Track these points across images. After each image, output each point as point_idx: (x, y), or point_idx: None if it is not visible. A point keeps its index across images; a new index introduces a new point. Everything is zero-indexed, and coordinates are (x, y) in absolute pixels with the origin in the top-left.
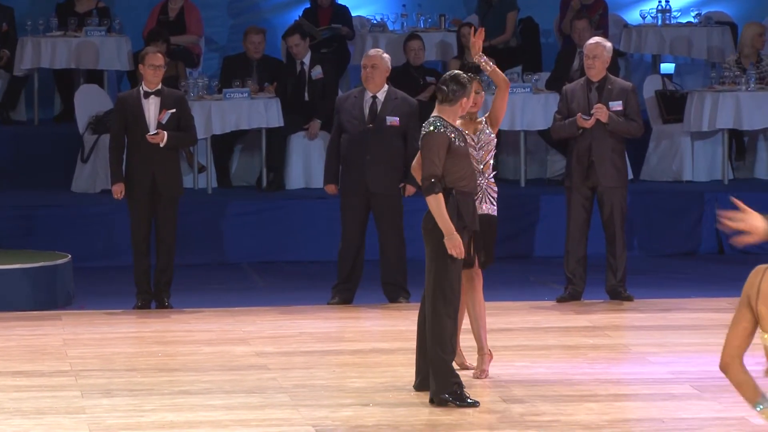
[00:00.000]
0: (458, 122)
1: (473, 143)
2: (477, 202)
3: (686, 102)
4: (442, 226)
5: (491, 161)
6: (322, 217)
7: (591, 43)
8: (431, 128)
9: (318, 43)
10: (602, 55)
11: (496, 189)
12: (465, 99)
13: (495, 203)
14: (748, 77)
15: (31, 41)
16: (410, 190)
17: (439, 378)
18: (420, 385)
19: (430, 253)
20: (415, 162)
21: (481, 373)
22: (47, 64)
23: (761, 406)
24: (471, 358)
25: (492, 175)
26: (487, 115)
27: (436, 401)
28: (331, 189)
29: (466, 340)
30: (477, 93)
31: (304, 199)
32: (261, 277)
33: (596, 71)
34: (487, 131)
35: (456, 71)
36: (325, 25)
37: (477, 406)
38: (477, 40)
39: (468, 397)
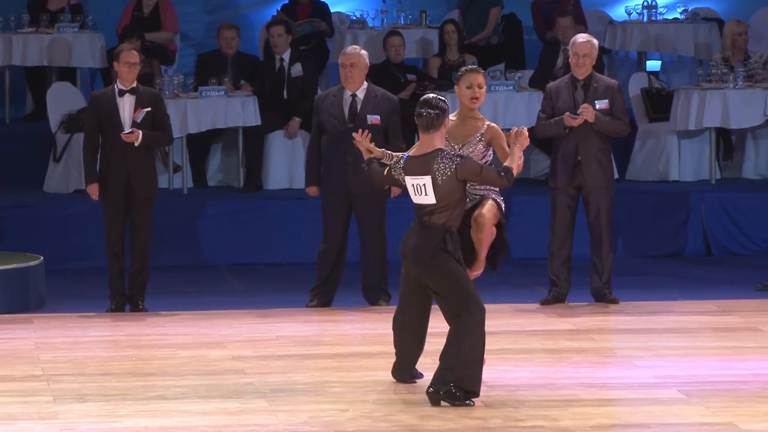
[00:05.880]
0: (452, 117)
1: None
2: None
3: (673, 100)
4: (513, 165)
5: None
6: (300, 218)
7: (582, 41)
8: (454, 162)
9: (296, 40)
10: (592, 54)
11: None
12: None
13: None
14: (736, 75)
15: (1, 38)
16: (395, 191)
17: (466, 381)
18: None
19: (436, 281)
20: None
21: None
22: (18, 61)
23: None
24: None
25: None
26: (490, 136)
27: (443, 395)
28: (313, 191)
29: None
30: (480, 87)
31: (282, 199)
32: (238, 279)
33: (585, 69)
34: (479, 146)
35: (426, 96)
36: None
37: (472, 406)
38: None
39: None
